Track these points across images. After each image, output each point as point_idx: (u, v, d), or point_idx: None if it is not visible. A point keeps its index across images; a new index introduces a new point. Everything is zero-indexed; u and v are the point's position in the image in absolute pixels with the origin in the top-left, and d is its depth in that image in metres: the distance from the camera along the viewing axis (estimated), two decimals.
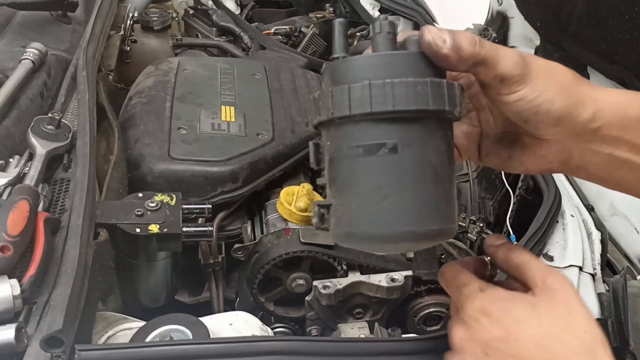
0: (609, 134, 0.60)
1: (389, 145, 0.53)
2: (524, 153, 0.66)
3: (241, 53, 2.10)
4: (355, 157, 0.54)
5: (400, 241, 0.54)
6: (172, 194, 1.15)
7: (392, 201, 0.53)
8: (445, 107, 0.53)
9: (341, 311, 1.24)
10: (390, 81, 0.52)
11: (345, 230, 0.56)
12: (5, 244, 0.84)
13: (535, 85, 0.57)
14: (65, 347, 0.74)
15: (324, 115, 0.56)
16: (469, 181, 1.62)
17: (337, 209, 0.56)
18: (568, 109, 0.58)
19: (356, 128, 0.54)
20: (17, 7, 1.57)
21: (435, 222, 0.54)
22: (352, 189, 0.54)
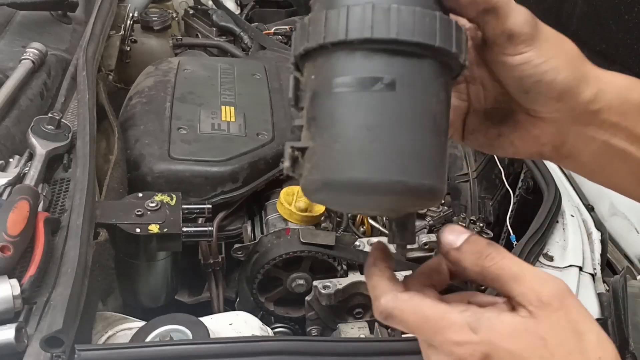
0: (607, 119, 0.56)
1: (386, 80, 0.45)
2: (515, 131, 0.60)
3: (241, 53, 2.10)
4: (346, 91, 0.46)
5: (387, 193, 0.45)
6: (172, 194, 1.15)
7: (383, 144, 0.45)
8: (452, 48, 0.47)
9: (341, 311, 1.24)
10: (397, 6, 0.46)
11: (323, 177, 0.46)
12: (5, 244, 0.84)
13: (544, 49, 0.52)
14: (65, 347, 0.74)
15: (313, 41, 0.47)
16: (469, 181, 1.62)
17: (315, 151, 0.47)
18: (572, 83, 0.53)
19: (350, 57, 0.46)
20: (17, 7, 1.57)
21: (428, 177, 0.46)
22: (337, 128, 0.46)
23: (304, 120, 0.49)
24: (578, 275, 1.09)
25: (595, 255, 1.17)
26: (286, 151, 0.48)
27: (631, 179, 0.61)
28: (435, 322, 0.48)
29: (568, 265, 1.10)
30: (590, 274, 1.11)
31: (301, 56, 0.49)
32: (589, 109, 0.55)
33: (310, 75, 0.49)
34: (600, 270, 1.14)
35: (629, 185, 0.63)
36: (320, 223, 1.31)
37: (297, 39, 0.49)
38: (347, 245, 1.26)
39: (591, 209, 1.31)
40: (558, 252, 1.13)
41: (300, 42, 0.49)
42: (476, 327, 0.47)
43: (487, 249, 0.49)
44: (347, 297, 1.22)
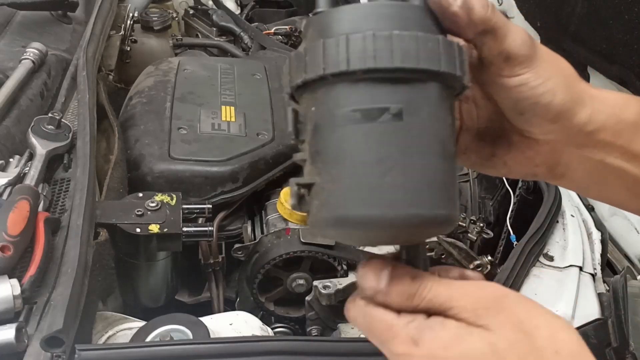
0: (602, 139, 0.55)
1: (392, 110, 0.43)
2: (509, 152, 0.59)
3: (241, 53, 2.10)
4: (351, 123, 0.44)
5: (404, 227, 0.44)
6: (172, 194, 1.15)
7: (395, 177, 0.43)
8: (456, 71, 0.45)
9: (341, 311, 1.23)
10: (399, 33, 0.44)
11: (335, 214, 0.44)
12: (6, 244, 0.84)
13: (541, 71, 0.51)
14: (65, 347, 0.74)
15: (312, 72, 0.45)
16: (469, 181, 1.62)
17: (323, 187, 0.45)
18: (568, 105, 0.52)
19: (353, 88, 0.44)
20: (17, 7, 1.57)
21: (444, 206, 0.45)
22: (345, 162, 0.44)
23: (307, 154, 0.47)
24: (578, 275, 1.09)
25: (595, 255, 1.17)
26: (291, 188, 0.46)
27: (627, 195, 0.61)
28: (381, 332, 0.47)
29: (568, 265, 1.10)
30: (590, 274, 1.11)
31: (298, 87, 0.47)
32: (583, 130, 0.54)
33: (310, 107, 0.46)
34: (600, 270, 1.14)
35: (625, 199, 0.63)
36: None
37: (293, 69, 0.47)
38: (347, 245, 1.26)
39: (591, 209, 1.31)
40: (558, 252, 1.13)
41: (296, 72, 0.47)
42: (418, 339, 0.45)
43: (413, 287, 0.46)
44: (347, 297, 1.21)
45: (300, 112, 0.48)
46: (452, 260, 1.26)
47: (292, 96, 0.49)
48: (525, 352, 0.44)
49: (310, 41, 0.47)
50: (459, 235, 1.43)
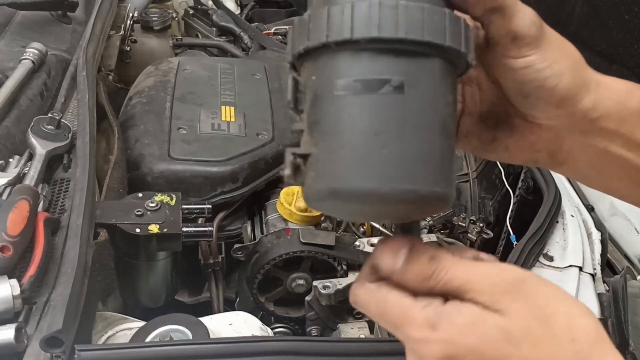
0: (606, 126, 0.54)
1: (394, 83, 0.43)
2: (511, 136, 0.58)
3: (241, 53, 2.10)
4: (351, 94, 0.43)
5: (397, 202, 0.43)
6: (172, 194, 1.15)
7: (393, 150, 0.42)
8: (461, 47, 0.44)
9: (341, 311, 1.24)
10: (405, 3, 0.43)
11: (329, 185, 0.43)
12: (5, 244, 0.84)
13: (548, 53, 0.50)
14: (65, 347, 0.74)
15: (315, 39, 0.44)
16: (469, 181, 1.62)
17: (319, 158, 0.44)
18: (573, 90, 0.51)
19: (355, 57, 0.43)
20: (17, 7, 1.57)
21: (439, 183, 0.44)
22: (343, 134, 0.43)
23: (305, 124, 0.46)
24: (578, 276, 1.09)
25: (595, 256, 1.17)
26: (287, 158, 0.45)
27: (628, 184, 0.60)
28: (395, 317, 0.46)
29: (568, 265, 1.10)
30: (590, 274, 1.11)
31: (300, 55, 0.46)
32: (587, 116, 0.53)
33: (310, 76, 0.46)
34: (600, 270, 1.14)
35: (626, 189, 0.62)
36: (320, 223, 1.31)
37: (296, 36, 0.46)
38: (347, 245, 1.26)
39: (591, 209, 1.31)
40: (558, 252, 1.13)
41: (299, 40, 0.46)
42: (435, 323, 0.44)
43: (430, 267, 0.45)
44: (347, 297, 1.21)
45: (300, 81, 0.47)
46: None
47: (293, 65, 0.48)
48: (541, 340, 0.43)
49: (316, 8, 0.46)
50: (459, 235, 1.43)
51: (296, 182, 0.45)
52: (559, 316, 0.44)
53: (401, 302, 0.46)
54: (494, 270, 0.46)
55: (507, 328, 0.43)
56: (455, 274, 0.45)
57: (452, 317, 0.44)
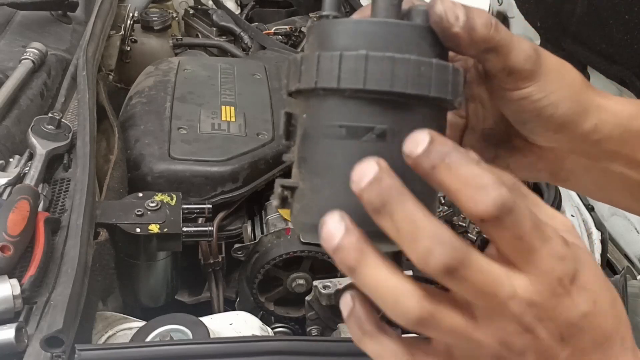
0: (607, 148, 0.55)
1: (376, 131, 0.45)
2: (512, 156, 0.59)
3: (241, 53, 2.10)
4: (335, 138, 0.45)
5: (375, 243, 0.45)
6: (172, 194, 1.15)
7: None
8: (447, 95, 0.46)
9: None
10: (392, 56, 0.44)
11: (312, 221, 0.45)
12: (6, 243, 0.84)
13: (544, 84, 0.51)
14: (65, 347, 0.74)
15: (305, 83, 0.46)
16: None
17: (304, 194, 0.47)
18: (572, 117, 0.52)
19: (342, 104, 0.45)
20: (17, 7, 1.57)
21: None
22: (327, 175, 0.46)
23: (295, 157, 0.49)
24: None
25: (595, 255, 1.17)
26: (276, 189, 0.48)
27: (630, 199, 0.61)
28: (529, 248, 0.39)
29: None
30: None
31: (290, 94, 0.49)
32: (588, 139, 0.54)
33: (302, 113, 0.48)
34: None
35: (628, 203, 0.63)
36: None
37: (290, 75, 0.48)
38: None
39: (591, 209, 1.31)
40: None
41: (292, 79, 0.48)
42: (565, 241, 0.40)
43: None
44: None
45: (293, 115, 0.50)
46: None
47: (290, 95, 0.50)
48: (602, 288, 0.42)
49: (309, 48, 0.48)
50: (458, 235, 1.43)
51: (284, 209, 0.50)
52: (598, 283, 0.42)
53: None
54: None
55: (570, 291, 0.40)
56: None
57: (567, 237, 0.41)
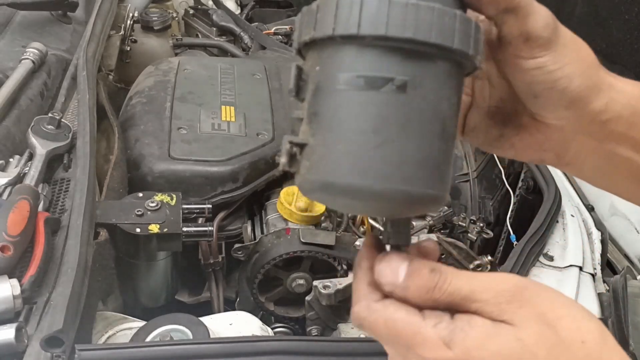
0: (615, 129, 0.54)
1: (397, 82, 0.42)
2: (518, 134, 0.57)
3: (241, 53, 2.10)
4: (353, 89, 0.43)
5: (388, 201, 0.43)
6: (172, 194, 1.15)
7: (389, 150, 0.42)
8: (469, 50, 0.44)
9: (341, 311, 1.24)
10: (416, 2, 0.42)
11: (322, 178, 0.43)
12: (6, 243, 0.84)
13: (560, 55, 0.49)
14: (65, 346, 0.74)
15: (321, 31, 0.43)
16: (469, 181, 1.62)
17: (315, 150, 0.44)
18: (584, 93, 0.51)
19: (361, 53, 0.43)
20: (17, 7, 1.57)
21: (433, 186, 0.44)
22: (341, 128, 0.43)
23: (305, 113, 0.46)
24: (578, 275, 1.09)
25: (595, 255, 1.17)
26: (284, 146, 0.45)
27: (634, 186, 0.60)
28: (407, 337, 0.45)
29: (568, 265, 1.10)
30: (590, 274, 1.11)
31: (305, 44, 0.46)
32: (597, 118, 0.53)
33: (314, 66, 0.45)
34: (600, 270, 1.14)
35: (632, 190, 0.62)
36: (321, 223, 1.31)
37: (304, 24, 0.45)
38: (347, 245, 1.26)
39: (591, 209, 1.31)
40: (558, 252, 1.13)
41: (306, 28, 0.45)
42: (450, 340, 0.44)
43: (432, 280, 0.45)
44: (347, 297, 1.22)
45: (304, 70, 0.46)
46: (452, 260, 1.26)
47: (300, 51, 0.48)
48: (553, 345, 0.43)
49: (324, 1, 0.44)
50: (459, 235, 1.43)
51: (290, 169, 0.45)
52: (564, 320, 0.44)
53: (411, 321, 0.45)
54: (495, 279, 0.45)
55: (520, 337, 0.43)
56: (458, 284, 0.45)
57: (465, 332, 0.44)
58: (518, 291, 0.45)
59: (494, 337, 0.43)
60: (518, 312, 0.44)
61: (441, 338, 0.44)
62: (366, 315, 0.48)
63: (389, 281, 0.46)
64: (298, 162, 0.45)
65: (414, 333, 0.45)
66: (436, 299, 0.45)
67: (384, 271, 0.47)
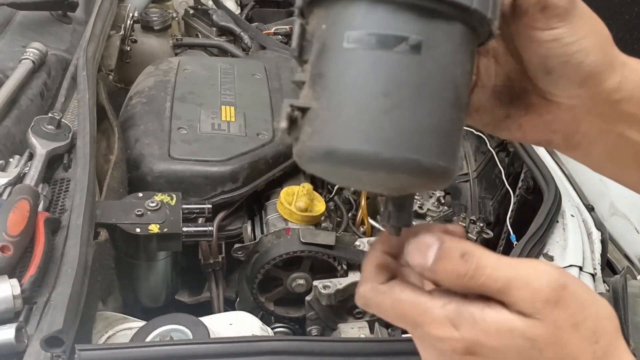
0: (627, 110, 0.52)
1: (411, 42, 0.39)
2: (526, 115, 0.55)
3: (241, 53, 2.10)
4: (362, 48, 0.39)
5: (396, 171, 0.40)
6: (172, 194, 1.15)
7: (400, 115, 0.39)
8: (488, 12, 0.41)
9: (341, 311, 1.24)
10: None
11: (325, 145, 0.40)
12: (6, 243, 0.84)
13: (577, 27, 0.47)
14: (65, 347, 0.74)
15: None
16: (469, 181, 1.62)
17: (318, 114, 0.40)
18: (599, 68, 0.49)
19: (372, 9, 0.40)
20: (17, 7, 1.57)
21: (444, 157, 0.40)
22: (348, 90, 0.40)
23: (308, 75, 0.42)
24: (578, 275, 1.09)
25: (595, 255, 1.17)
26: (284, 109, 0.41)
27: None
28: (414, 317, 0.45)
29: (568, 265, 1.10)
30: (590, 274, 1.11)
31: (310, 1, 0.42)
32: (610, 98, 0.51)
33: (320, 25, 0.42)
34: (600, 270, 1.14)
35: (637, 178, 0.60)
36: (321, 223, 1.31)
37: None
38: (347, 245, 1.26)
39: (591, 209, 1.31)
40: (558, 252, 1.13)
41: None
42: (458, 323, 0.43)
43: (464, 266, 0.43)
44: (347, 297, 1.22)
45: (307, 29, 0.43)
46: None
47: (302, 11, 0.44)
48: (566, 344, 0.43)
49: None
50: None
51: (290, 136, 0.42)
52: (588, 321, 0.44)
53: (418, 301, 0.45)
54: (535, 273, 0.44)
55: (534, 336, 0.43)
56: (494, 275, 0.43)
57: (475, 317, 0.43)
58: (557, 291, 0.43)
59: (505, 331, 0.43)
60: (551, 313, 0.43)
61: (449, 319, 0.44)
62: (371, 296, 0.47)
63: (418, 264, 0.45)
64: (299, 128, 0.41)
65: (421, 313, 0.45)
66: (467, 286, 0.44)
67: (413, 252, 0.45)
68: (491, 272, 0.43)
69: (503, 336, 0.43)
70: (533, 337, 0.43)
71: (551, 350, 0.43)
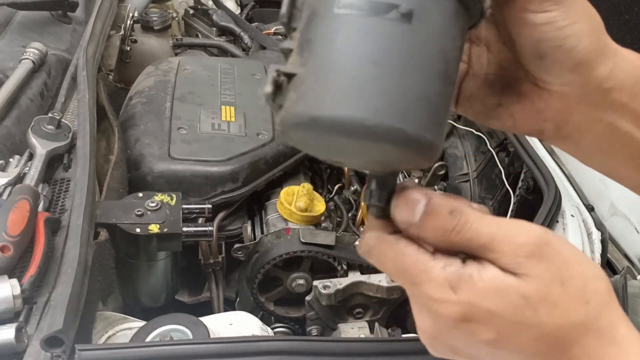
0: (618, 99, 0.52)
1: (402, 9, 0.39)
2: (518, 103, 0.54)
3: (241, 53, 2.10)
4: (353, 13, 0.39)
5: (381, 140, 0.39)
6: (172, 194, 1.15)
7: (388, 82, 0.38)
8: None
9: (341, 311, 1.24)
10: None
11: (310, 110, 0.39)
12: (6, 243, 0.84)
13: (570, 12, 0.47)
14: (65, 347, 0.74)
15: None
16: (469, 181, 1.62)
17: (304, 80, 0.39)
18: (591, 55, 0.49)
19: None
20: (17, 7, 1.57)
21: (430, 130, 0.40)
22: (336, 56, 0.39)
23: (296, 42, 0.41)
24: None
25: (595, 255, 1.17)
26: (270, 74, 0.40)
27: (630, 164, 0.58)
28: (414, 274, 0.45)
29: None
30: None
31: None
32: (601, 86, 0.51)
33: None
34: None
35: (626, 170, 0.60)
36: (320, 223, 1.31)
37: None
38: (347, 245, 1.26)
39: (591, 209, 1.31)
40: None
41: None
42: (456, 285, 0.43)
43: (451, 222, 0.43)
44: (347, 297, 1.22)
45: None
46: None
47: None
48: (557, 303, 0.44)
49: None
50: None
51: (275, 103, 0.41)
52: (575, 279, 0.44)
53: (421, 259, 0.45)
54: (518, 230, 0.44)
55: (527, 293, 0.43)
56: (478, 231, 0.44)
57: (474, 280, 0.44)
58: (539, 246, 0.44)
59: (500, 290, 0.43)
60: (535, 267, 0.43)
61: (448, 281, 0.44)
62: (376, 244, 0.47)
63: (405, 218, 0.45)
64: (284, 95, 0.40)
65: (421, 271, 0.45)
66: (452, 242, 0.44)
67: (400, 207, 0.45)
68: (477, 227, 0.44)
69: (499, 295, 0.43)
70: (527, 294, 0.43)
71: (544, 309, 0.44)
